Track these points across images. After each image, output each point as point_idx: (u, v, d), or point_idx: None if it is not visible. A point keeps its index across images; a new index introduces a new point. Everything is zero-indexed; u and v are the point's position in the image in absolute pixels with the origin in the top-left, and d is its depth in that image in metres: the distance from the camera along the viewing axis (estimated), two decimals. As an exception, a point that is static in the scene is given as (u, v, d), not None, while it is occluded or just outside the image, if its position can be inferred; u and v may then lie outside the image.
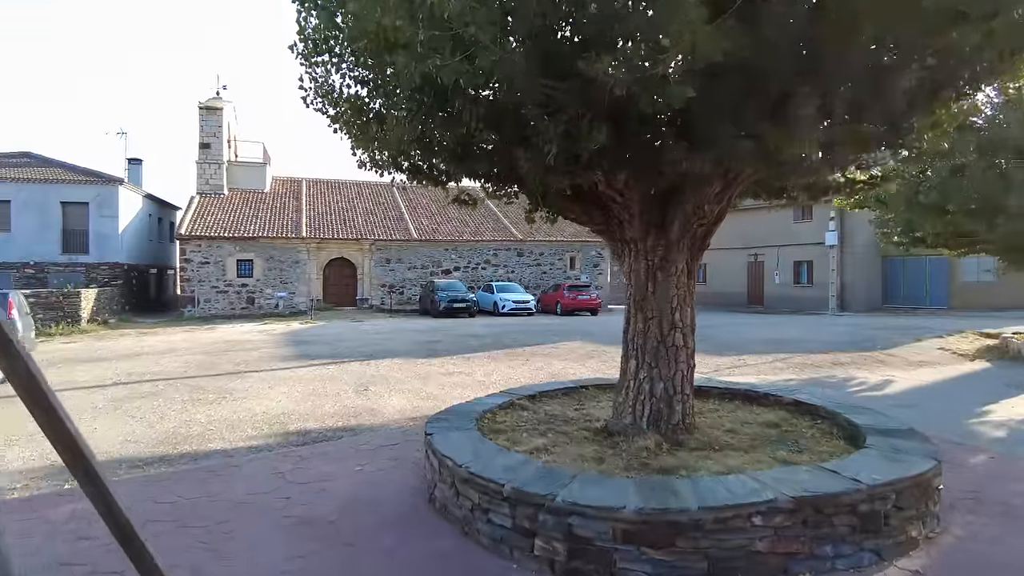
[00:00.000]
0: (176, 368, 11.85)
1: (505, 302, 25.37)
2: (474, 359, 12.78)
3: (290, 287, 26.52)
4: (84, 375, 11.25)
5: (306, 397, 8.96)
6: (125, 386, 10.01)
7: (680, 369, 4.89)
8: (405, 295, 28.48)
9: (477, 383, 9.97)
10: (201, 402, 8.64)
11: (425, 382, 10.10)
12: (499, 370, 11.30)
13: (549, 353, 13.60)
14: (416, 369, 11.48)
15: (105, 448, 6.43)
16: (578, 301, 25.83)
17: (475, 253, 29.87)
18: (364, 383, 10.06)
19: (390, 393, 9.22)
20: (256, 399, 8.85)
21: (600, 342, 15.68)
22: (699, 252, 5.10)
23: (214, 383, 10.20)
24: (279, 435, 6.92)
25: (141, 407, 8.36)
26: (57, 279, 23.61)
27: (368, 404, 8.45)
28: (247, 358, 13.21)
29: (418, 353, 13.78)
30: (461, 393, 9.12)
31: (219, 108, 28.88)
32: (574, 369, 11.31)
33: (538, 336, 17.35)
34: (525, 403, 5.92)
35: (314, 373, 11.14)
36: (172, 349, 14.92)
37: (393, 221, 29.99)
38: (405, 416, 7.74)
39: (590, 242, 31.75)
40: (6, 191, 23.75)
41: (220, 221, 26.45)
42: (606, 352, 13.61)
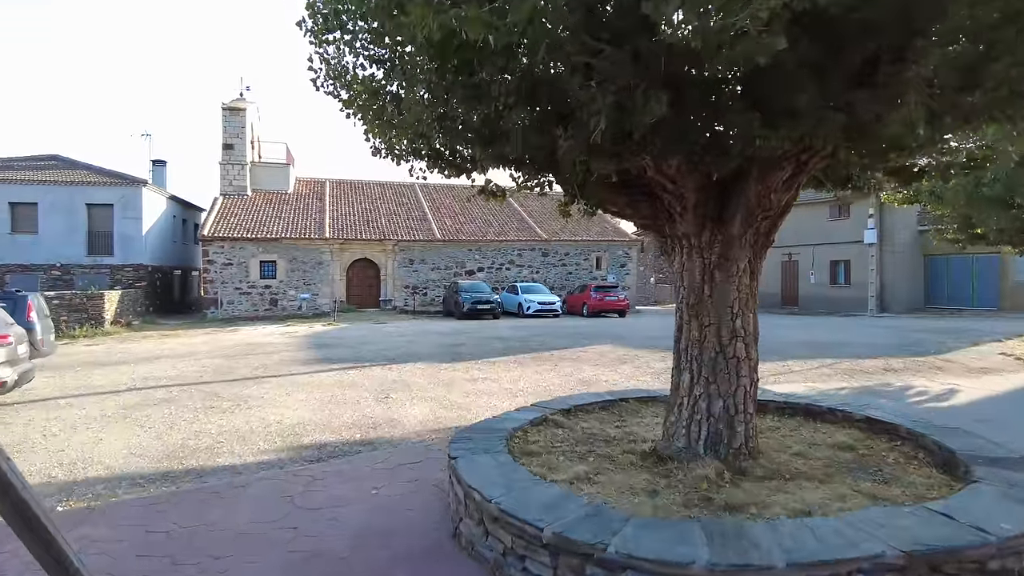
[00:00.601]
0: (193, 372, 11.49)
1: (530, 303, 24.77)
2: (499, 364, 12.20)
3: (313, 288, 26.26)
4: (101, 379, 10.95)
5: (324, 405, 8.47)
6: (139, 392, 9.64)
7: (742, 384, 4.25)
8: (428, 296, 28.05)
9: (503, 391, 9.39)
10: (214, 410, 8.20)
11: (449, 389, 9.55)
12: (526, 376, 10.71)
13: (578, 357, 12.96)
14: (439, 375, 10.94)
15: (108, 462, 6.00)
16: (605, 302, 25.11)
17: (499, 253, 29.32)
18: (385, 390, 9.55)
19: (412, 401, 8.68)
20: (272, 407, 8.39)
21: (631, 345, 14.99)
22: (763, 249, 4.44)
23: (230, 389, 9.78)
24: (292, 449, 6.42)
25: (151, 415, 7.95)
26: (82, 281, 23.64)
27: (388, 414, 7.92)
28: (266, 362, 12.82)
29: (441, 357, 13.25)
30: (487, 402, 8.56)
31: (242, 109, 28.78)
32: (606, 375, 10.67)
33: (565, 339, 16.72)
34: (560, 419, 5.31)
35: (334, 378, 10.67)
36: (192, 352, 14.62)
37: (416, 221, 29.59)
38: (427, 428, 7.19)
39: (617, 242, 31.01)
40: (33, 193, 23.87)
41: (243, 222, 26.31)
42: (639, 357, 12.93)
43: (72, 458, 6.17)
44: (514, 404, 8.40)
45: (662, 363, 12.01)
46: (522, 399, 8.75)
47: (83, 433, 7.12)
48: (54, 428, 7.39)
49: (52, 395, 9.57)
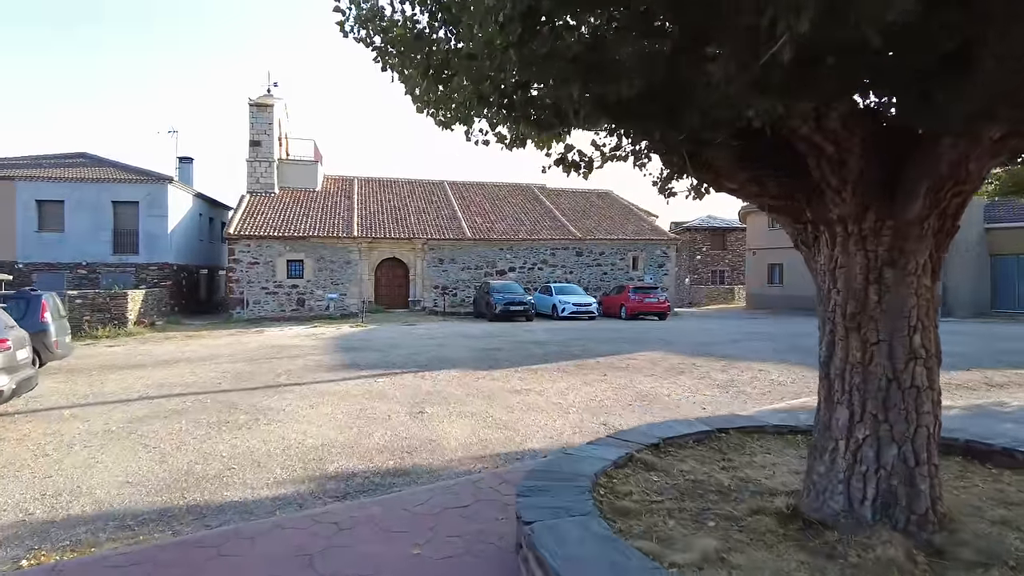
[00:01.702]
0: (211, 379, 10.61)
1: (565, 305, 23.60)
2: (542, 372, 11.09)
3: (341, 288, 25.46)
4: (113, 385, 10.13)
5: (351, 421, 7.46)
6: (150, 401, 8.76)
7: (924, 424, 3.08)
8: (458, 297, 27.07)
9: (552, 406, 8.27)
10: (228, 426, 7.25)
11: (490, 402, 8.47)
12: (575, 387, 9.58)
13: (628, 366, 11.78)
14: (477, 384, 9.88)
15: (99, 494, 5.05)
16: (645, 304, 23.82)
17: (531, 252, 28.20)
18: (419, 402, 8.51)
19: (450, 418, 7.62)
20: (293, 423, 7.41)
21: (683, 352, 13.74)
22: (947, 239, 3.27)
23: (248, 399, 8.84)
24: (314, 479, 5.40)
25: (159, 432, 7.02)
26: (107, 280, 23.16)
27: (425, 433, 6.87)
28: (290, 367, 11.90)
29: (477, 364, 12.19)
30: (536, 420, 7.46)
31: (270, 105, 28.17)
32: (665, 388, 9.48)
33: (608, 344, 15.53)
34: (649, 458, 4.18)
35: (363, 387, 9.68)
36: (213, 356, 13.80)
37: (446, 219, 28.65)
38: (471, 454, 6.11)
39: (655, 240, 29.67)
40: (60, 191, 23.49)
41: (270, 220, 25.64)
42: (696, 366, 11.70)
43: (59, 487, 5.23)
44: (568, 423, 7.30)
45: (724, 374, 10.78)
46: (575, 416, 7.64)
47: (79, 453, 6.21)
48: (49, 446, 6.49)
49: (57, 404, 8.74)
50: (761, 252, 32.25)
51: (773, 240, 31.52)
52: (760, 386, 9.71)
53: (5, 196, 23.03)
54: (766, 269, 31.86)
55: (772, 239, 31.62)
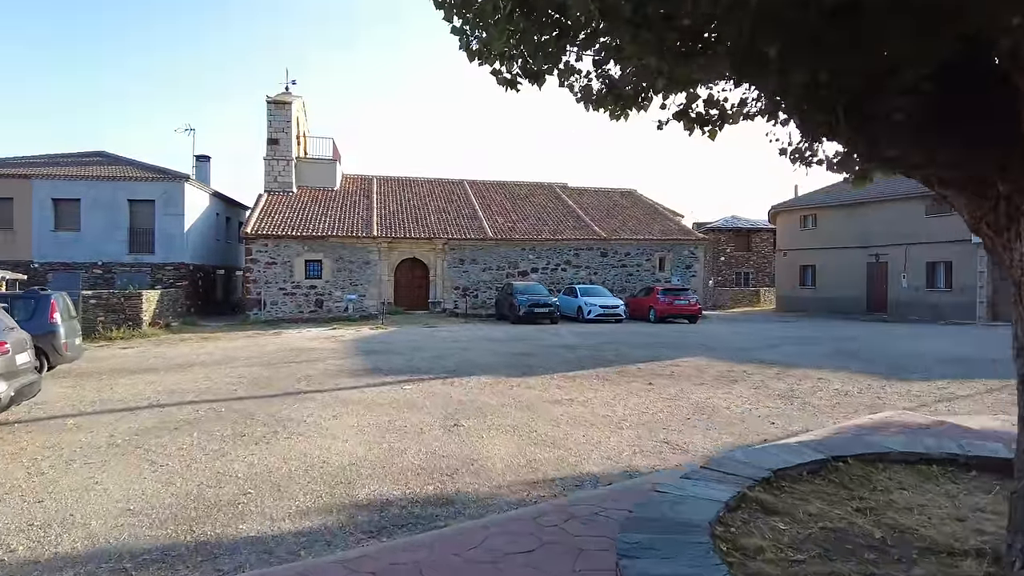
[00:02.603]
0: (227, 385, 9.92)
1: (591, 307, 22.73)
2: (580, 379, 10.27)
3: (360, 289, 24.81)
4: (123, 391, 9.48)
5: (380, 435, 6.70)
6: (160, 410, 8.07)
7: None
8: (479, 298, 26.30)
9: (601, 420, 7.45)
10: (245, 440, 6.52)
11: (531, 415, 7.67)
12: (621, 398, 8.74)
13: (673, 373, 10.92)
14: (513, 393, 9.08)
15: (94, 525, 4.32)
16: (675, 307, 22.88)
17: (554, 253, 27.37)
18: (452, 413, 7.74)
19: (489, 432, 6.83)
20: (316, 436, 6.67)
21: (727, 358, 12.84)
22: None
23: (267, 408, 8.13)
24: (343, 508, 4.63)
25: (167, 446, 6.31)
26: (122, 280, 22.70)
27: (463, 451, 6.08)
28: (311, 372, 11.20)
29: (508, 369, 11.40)
30: (586, 436, 6.64)
31: (288, 102, 27.63)
32: (722, 399, 8.62)
33: (643, 349, 14.67)
34: (763, 495, 3.35)
35: (389, 396, 8.93)
36: (229, 359, 13.14)
37: (466, 219, 27.91)
38: (521, 477, 5.31)
39: (682, 241, 28.71)
40: (76, 189, 23.09)
41: (288, 220, 25.07)
42: (748, 374, 10.81)
43: (49, 515, 4.52)
44: (623, 440, 6.48)
45: (780, 383, 9.90)
46: (630, 432, 6.81)
47: (77, 472, 5.50)
48: (45, 462, 5.80)
49: (62, 411, 8.08)
50: (793, 253, 31.13)
51: (805, 240, 30.43)
52: (825, 397, 8.82)
53: (22, 194, 22.68)
54: (798, 271, 30.73)
55: (804, 239, 30.52)
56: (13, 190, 22.62)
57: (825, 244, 29.10)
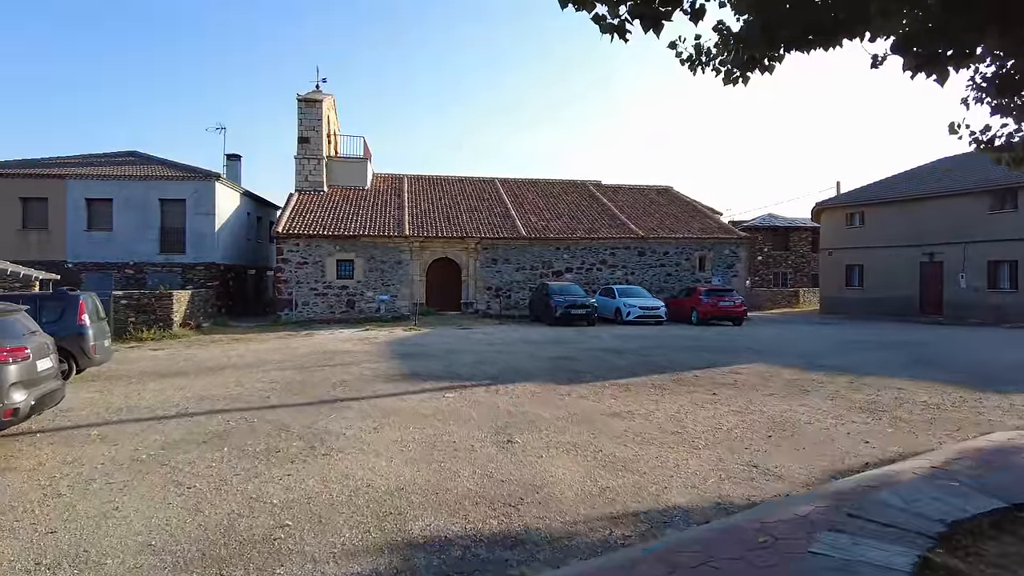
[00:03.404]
0: (258, 391, 9.36)
1: (630, 308, 21.85)
2: (635, 388, 9.48)
3: (392, 289, 24.29)
4: (151, 397, 8.98)
5: (427, 452, 6.02)
6: (189, 420, 7.51)
7: None
8: (512, 299, 25.59)
9: (671, 436, 6.66)
10: (280, 457, 5.89)
11: (591, 430, 6.92)
12: (687, 411, 7.94)
13: (736, 382, 10.06)
14: (565, 403, 8.34)
15: (110, 565, 3.72)
16: (720, 308, 21.86)
17: (589, 253, 26.51)
18: (503, 427, 7.03)
19: (548, 451, 6.10)
20: (357, 452, 6.02)
21: (791, 365, 11.90)
22: None
23: (301, 418, 7.52)
24: (396, 547, 3.95)
25: (195, 463, 5.71)
26: (153, 280, 22.53)
27: (523, 474, 5.36)
28: (345, 377, 10.61)
29: (554, 375, 10.67)
30: (661, 457, 5.87)
31: (319, 100, 27.27)
32: (802, 413, 7.75)
33: (694, 354, 13.79)
34: (951, 560, 2.55)
35: (431, 405, 8.26)
36: (261, 362, 12.64)
37: (499, 218, 27.22)
38: (597, 510, 4.57)
39: (723, 239, 27.62)
40: (108, 189, 22.99)
41: (320, 219, 24.67)
42: (818, 383, 9.90)
43: (61, 549, 3.92)
44: (704, 463, 5.69)
45: (858, 394, 8.99)
46: (709, 453, 6.02)
47: (96, 494, 4.92)
48: (63, 482, 5.24)
49: (87, 420, 7.58)
50: (838, 252, 29.75)
51: (852, 239, 29.06)
52: (915, 411, 7.89)
53: (56, 195, 22.66)
54: (843, 271, 29.34)
55: (851, 238, 29.15)
56: (48, 190, 22.61)
57: (874, 243, 27.70)
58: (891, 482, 4.62)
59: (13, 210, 22.41)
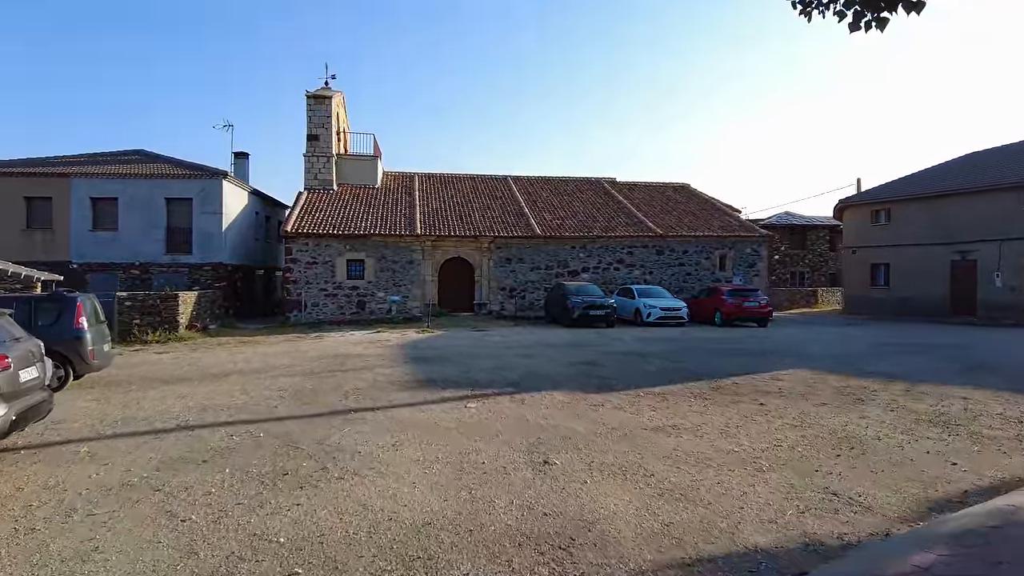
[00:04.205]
0: (265, 400, 8.68)
1: (651, 309, 21.06)
2: (673, 398, 8.72)
3: (403, 290, 23.61)
4: (150, 407, 8.32)
5: (455, 475, 5.30)
6: (189, 434, 6.84)
7: None
8: (527, 299, 24.86)
9: (729, 456, 5.91)
10: (288, 481, 5.18)
11: (635, 448, 6.18)
12: (737, 424, 7.18)
13: (780, 390, 9.27)
14: (599, 416, 7.60)
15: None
16: (744, 309, 21.02)
17: (606, 251, 25.73)
18: (536, 444, 6.30)
19: (592, 474, 5.36)
20: (374, 475, 5.31)
21: (835, 371, 11.09)
22: None
23: (311, 432, 6.82)
24: (428, 608, 3.23)
25: (193, 488, 5.01)
26: (159, 280, 21.97)
27: (569, 505, 4.62)
28: (358, 384, 9.92)
29: (581, 382, 9.94)
30: (722, 481, 5.12)
31: (328, 96, 26.66)
32: (865, 427, 6.97)
33: (727, 358, 13.00)
34: None
35: (452, 416, 7.55)
36: (268, 367, 11.98)
37: (513, 216, 26.48)
38: (665, 555, 3.82)
39: (744, 238, 26.76)
40: (113, 188, 22.44)
41: (329, 218, 24.04)
42: (870, 391, 9.10)
43: (23, 608, 3.23)
44: (773, 490, 4.93)
45: (919, 403, 8.20)
46: (776, 476, 5.26)
47: (76, 529, 4.24)
48: (41, 513, 4.57)
49: (78, 434, 6.93)
50: (863, 251, 28.79)
51: (878, 237, 28.09)
52: (993, 424, 7.09)
53: (61, 193, 22.14)
54: (868, 270, 28.37)
55: (876, 236, 28.19)
56: (52, 189, 22.10)
57: (901, 241, 26.73)
58: (1018, 519, 3.86)
59: (17, 209, 21.92)
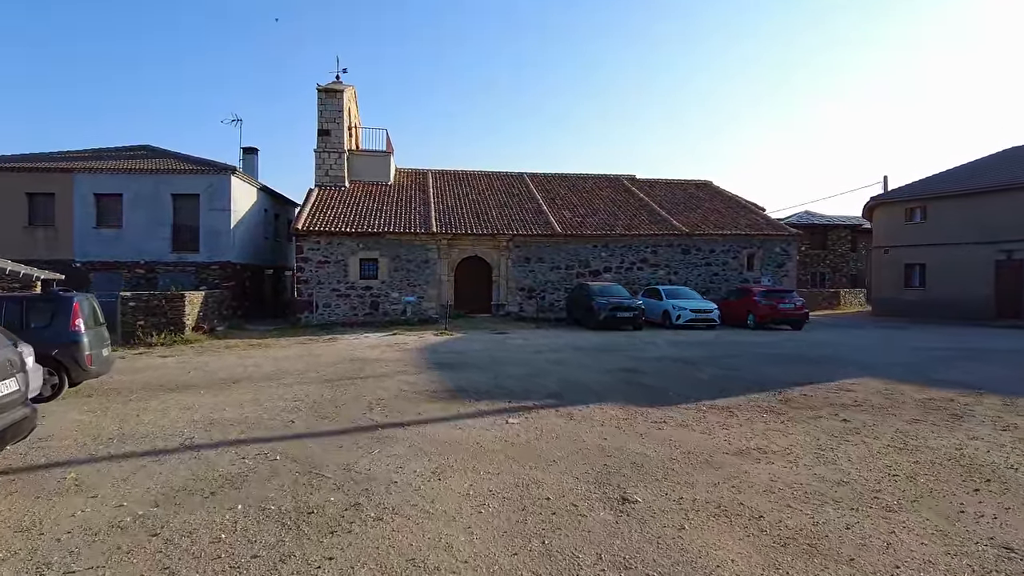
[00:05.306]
0: (280, 412, 7.72)
1: (680, 311, 20.00)
2: (739, 412, 7.70)
3: (418, 290, 22.65)
4: (151, 421, 7.37)
5: (517, 517, 4.31)
6: (195, 456, 5.87)
7: None
8: (546, 300, 23.85)
9: (839, 487, 4.88)
10: (315, 524, 4.20)
11: (725, 479, 5.16)
12: (829, 446, 6.15)
13: (856, 402, 8.23)
14: (665, 436, 6.59)
15: None
16: (780, 311, 19.92)
17: (629, 251, 24.68)
18: (604, 473, 5.30)
19: (687, 516, 4.35)
20: (420, 516, 4.32)
21: (906, 380, 10.03)
22: None
23: (335, 455, 5.85)
24: None
25: (197, 534, 4.04)
26: (164, 280, 21.08)
27: (675, 563, 3.62)
28: (381, 393, 8.95)
29: (628, 393, 8.93)
30: (852, 526, 4.10)
31: (339, 90, 25.75)
32: (991, 452, 5.93)
33: (778, 365, 11.95)
34: None
35: (494, 435, 6.56)
36: (281, 372, 11.03)
37: (531, 214, 25.48)
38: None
39: (772, 236, 25.65)
40: (118, 184, 21.56)
41: (341, 215, 23.11)
42: (966, 406, 8.03)
43: None
44: (927, 542, 3.90)
45: (1030, 420, 7.13)
46: (917, 520, 4.23)
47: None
48: (6, 569, 3.60)
49: (65, 454, 5.99)
50: (896, 250, 27.61)
51: (912, 236, 26.90)
52: None
53: (64, 190, 21.30)
54: (902, 270, 27.19)
55: (911, 235, 27.00)
56: (55, 185, 21.26)
57: (938, 240, 25.55)
58: None
59: (19, 206, 21.08)
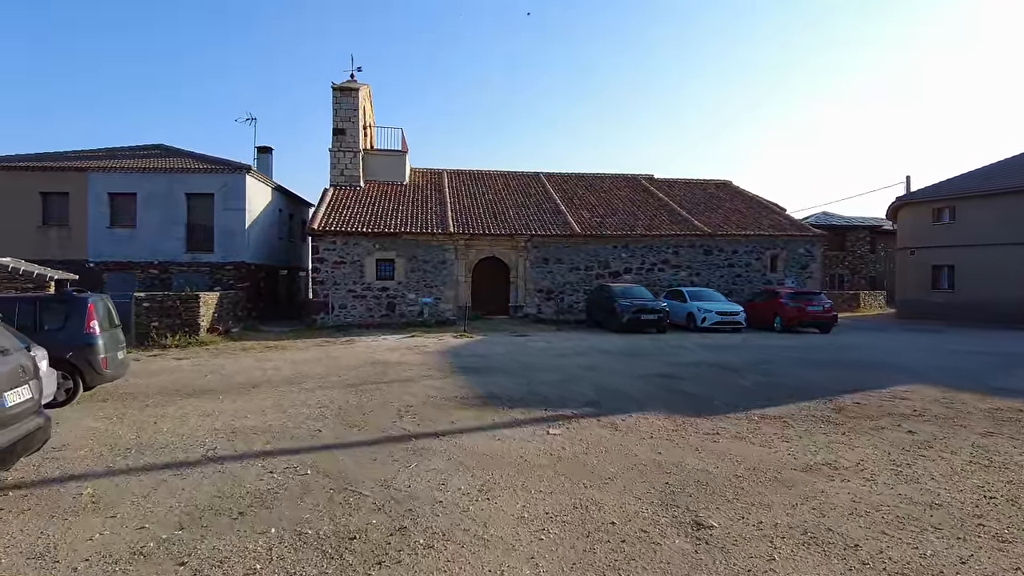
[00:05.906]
0: (305, 420, 7.29)
1: (706, 314, 19.44)
2: (796, 423, 7.19)
3: (435, 291, 22.23)
4: (170, 429, 6.96)
5: (585, 545, 3.86)
6: (219, 469, 5.45)
7: None
8: (565, 302, 23.36)
9: (933, 511, 4.39)
10: (358, 552, 3.76)
11: (802, 499, 4.67)
12: (905, 461, 5.64)
13: (917, 412, 7.70)
14: (722, 449, 6.10)
15: None
16: (808, 313, 19.31)
17: (650, 251, 24.15)
18: (669, 492, 4.82)
19: (773, 545, 3.87)
20: (474, 544, 3.88)
21: (962, 387, 9.48)
22: None
23: (371, 468, 5.41)
24: None
25: (229, 562, 3.62)
26: (178, 280, 20.78)
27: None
28: (409, 399, 8.51)
29: (670, 402, 8.45)
30: (958, 555, 3.61)
31: (354, 89, 25.40)
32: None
33: (819, 370, 11.42)
34: None
35: (538, 448, 6.10)
36: (301, 376, 10.62)
37: (549, 214, 25.00)
38: None
39: (796, 237, 25.05)
40: (132, 183, 21.29)
41: (357, 215, 22.74)
42: (1038, 415, 7.49)
43: None
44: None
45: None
46: None
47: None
48: (15, 604, 3.18)
49: (81, 466, 5.59)
50: (923, 252, 26.92)
51: (940, 237, 26.22)
52: None
53: (78, 189, 21.06)
54: (929, 272, 26.50)
55: (938, 236, 26.31)
56: (69, 184, 21.02)
57: (968, 241, 24.86)
58: None
59: (33, 205, 20.85)
